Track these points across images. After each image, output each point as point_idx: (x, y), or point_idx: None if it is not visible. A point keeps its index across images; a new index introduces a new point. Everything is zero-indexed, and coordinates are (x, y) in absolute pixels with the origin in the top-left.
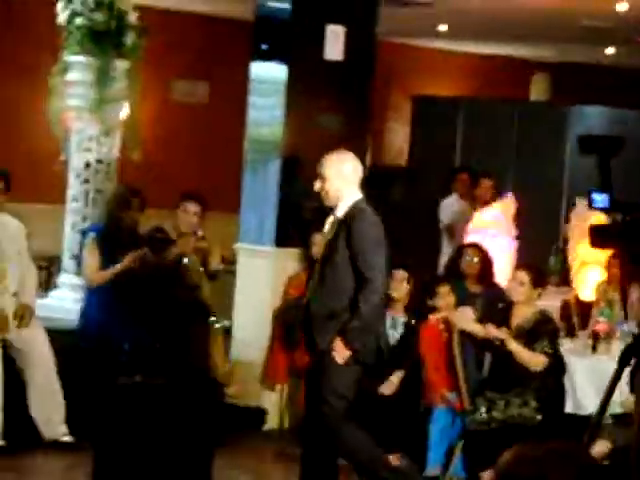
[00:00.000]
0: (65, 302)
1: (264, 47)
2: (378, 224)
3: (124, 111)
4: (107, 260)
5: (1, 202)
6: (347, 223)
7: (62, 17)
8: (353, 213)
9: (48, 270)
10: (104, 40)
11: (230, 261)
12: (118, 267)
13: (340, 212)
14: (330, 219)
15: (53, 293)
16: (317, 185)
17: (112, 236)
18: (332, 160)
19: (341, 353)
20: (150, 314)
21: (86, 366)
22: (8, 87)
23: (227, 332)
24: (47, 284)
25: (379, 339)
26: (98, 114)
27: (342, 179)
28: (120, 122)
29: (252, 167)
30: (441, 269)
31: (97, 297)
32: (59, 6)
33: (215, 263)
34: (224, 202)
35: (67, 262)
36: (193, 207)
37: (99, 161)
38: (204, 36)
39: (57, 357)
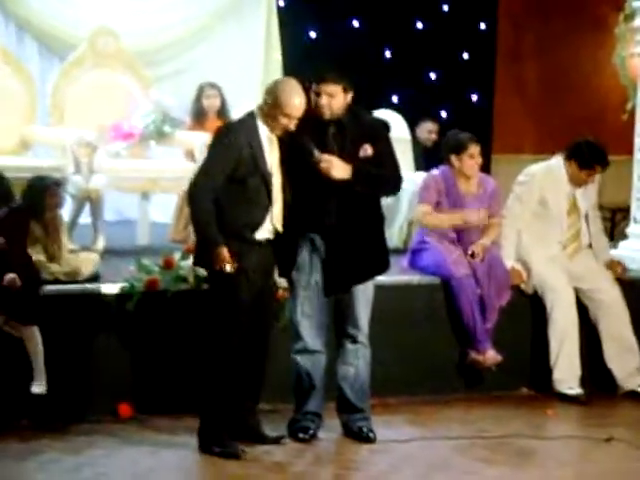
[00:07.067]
0: (636, 253)
1: None
2: None
3: None
4: None
5: None
6: None
7: None
8: None
9: (613, 221)
10: None
11: None
12: None
13: None
14: None
15: (623, 244)
16: None
17: None
18: None
19: None
20: None
21: None
22: (576, 39)
23: None
24: (613, 235)
25: None
26: None
27: None
28: None
29: None
30: None
31: None
32: None
33: None
34: None
35: (636, 212)
36: None
37: None
38: None
39: (630, 307)
